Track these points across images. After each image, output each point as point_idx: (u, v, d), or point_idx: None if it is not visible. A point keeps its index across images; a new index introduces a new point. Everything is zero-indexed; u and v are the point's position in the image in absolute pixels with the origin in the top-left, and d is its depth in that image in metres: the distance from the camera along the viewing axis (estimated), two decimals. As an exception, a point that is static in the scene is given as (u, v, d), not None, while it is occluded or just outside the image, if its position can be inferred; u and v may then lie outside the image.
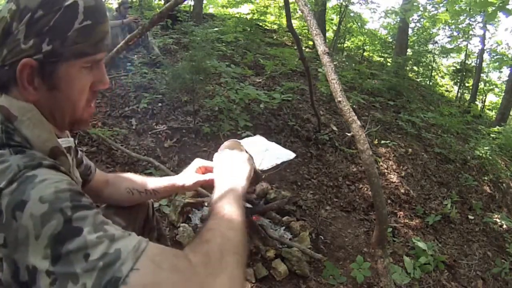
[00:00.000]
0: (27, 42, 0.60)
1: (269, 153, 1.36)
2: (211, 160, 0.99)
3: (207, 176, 1.01)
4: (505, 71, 11.70)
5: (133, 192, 1.08)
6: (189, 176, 1.05)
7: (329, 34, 10.87)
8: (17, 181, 0.52)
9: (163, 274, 0.49)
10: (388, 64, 9.28)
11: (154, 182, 1.10)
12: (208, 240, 0.58)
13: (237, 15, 9.51)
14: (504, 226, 4.06)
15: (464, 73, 11.11)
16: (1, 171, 0.54)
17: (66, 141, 0.77)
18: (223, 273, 0.54)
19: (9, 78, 0.63)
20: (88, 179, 1.04)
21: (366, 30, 10.36)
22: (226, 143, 1.03)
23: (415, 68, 10.11)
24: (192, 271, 0.52)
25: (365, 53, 10.40)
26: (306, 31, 8.99)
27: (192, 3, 7.64)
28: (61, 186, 0.54)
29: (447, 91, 12.75)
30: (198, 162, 1.07)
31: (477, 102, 11.06)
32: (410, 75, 9.73)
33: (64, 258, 0.48)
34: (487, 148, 5.17)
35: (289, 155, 1.80)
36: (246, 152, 1.00)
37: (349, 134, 1.84)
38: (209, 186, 0.98)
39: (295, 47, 4.55)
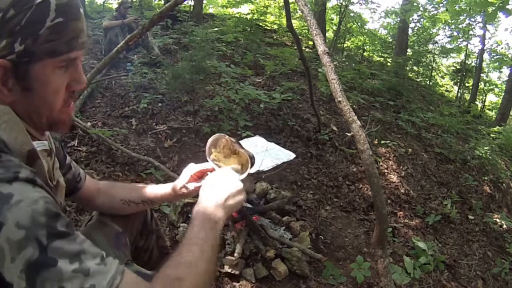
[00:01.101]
0: None
1: (269, 153, 1.37)
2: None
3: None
4: (505, 71, 11.72)
5: (129, 204, 1.05)
6: (185, 180, 1.03)
7: (329, 34, 10.87)
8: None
9: None
10: (388, 64, 9.28)
11: (151, 191, 1.06)
12: (181, 279, 0.60)
13: (237, 15, 9.51)
14: (504, 226, 4.06)
15: (464, 73, 11.11)
16: None
17: (42, 144, 0.75)
18: None
19: None
20: (78, 187, 1.01)
21: (366, 30, 10.36)
22: (212, 139, 0.99)
23: (415, 68, 10.11)
24: None
25: (365, 53, 10.40)
26: (306, 31, 8.99)
27: (192, 3, 7.64)
28: (37, 209, 0.52)
29: (447, 91, 12.75)
30: (191, 168, 1.03)
31: (477, 102, 11.06)
32: (410, 75, 9.73)
33: (39, 285, 0.49)
34: (487, 148, 5.17)
35: (289, 155, 1.80)
36: (243, 153, 0.96)
37: (349, 134, 1.84)
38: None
39: (295, 47, 4.55)
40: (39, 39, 0.59)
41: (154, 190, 1.07)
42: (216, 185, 0.80)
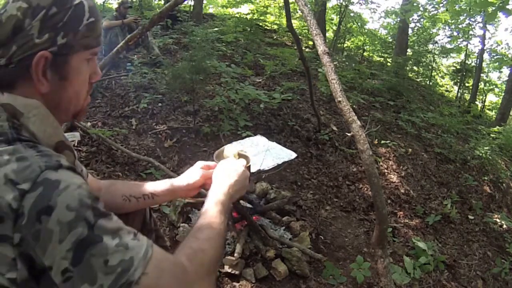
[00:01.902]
0: (41, 36, 0.64)
1: (270, 153, 1.37)
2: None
3: (211, 172, 1.03)
4: (505, 71, 11.71)
5: (130, 199, 1.04)
6: (192, 172, 1.05)
7: (329, 34, 10.87)
8: (42, 185, 0.55)
9: (164, 279, 0.60)
10: (388, 64, 9.28)
11: (152, 186, 1.07)
12: (203, 250, 0.69)
13: (237, 15, 9.50)
14: (504, 226, 4.06)
15: (464, 73, 11.11)
16: (21, 170, 0.55)
17: (72, 136, 0.82)
18: (209, 278, 0.68)
19: (15, 75, 0.66)
20: None
21: (366, 30, 10.36)
22: (222, 149, 1.05)
23: (415, 68, 10.10)
24: (187, 277, 0.63)
25: (365, 53, 10.40)
26: (306, 31, 8.99)
27: (192, 3, 7.64)
28: (82, 192, 0.58)
29: (447, 91, 12.75)
30: (200, 163, 1.07)
31: (477, 102, 11.05)
32: (410, 75, 9.72)
33: (85, 261, 0.54)
34: (487, 148, 5.17)
35: (290, 155, 1.80)
36: (244, 155, 1.04)
37: (349, 134, 1.84)
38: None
39: (295, 47, 4.55)
40: (78, 34, 0.68)
41: (156, 184, 1.08)
42: (227, 170, 0.92)
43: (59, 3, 0.66)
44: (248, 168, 1.00)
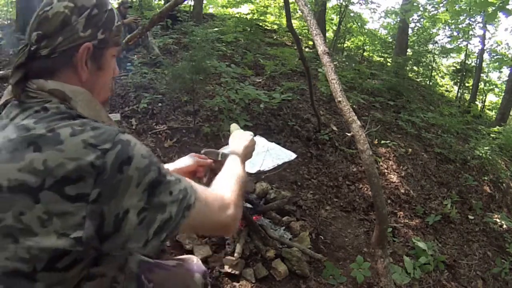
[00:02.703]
0: (85, 31, 0.77)
1: (269, 153, 1.36)
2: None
3: (203, 158, 1.18)
4: (505, 71, 11.72)
5: None
6: (185, 159, 1.15)
7: (329, 34, 10.87)
8: (120, 144, 0.66)
9: (209, 201, 0.79)
10: (388, 64, 9.28)
11: None
12: (234, 190, 0.89)
13: (237, 15, 9.51)
14: (504, 226, 4.07)
15: (464, 73, 11.11)
16: (99, 135, 0.66)
17: (114, 116, 0.95)
18: (239, 202, 0.87)
19: (59, 64, 0.76)
20: None
21: (366, 30, 10.36)
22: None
23: (415, 68, 10.11)
24: (224, 199, 0.83)
25: (365, 53, 10.40)
26: (306, 31, 8.99)
27: (192, 3, 7.64)
28: (145, 146, 0.72)
29: (447, 91, 12.75)
30: (192, 154, 1.19)
31: (477, 102, 11.06)
32: (410, 75, 9.73)
33: (156, 196, 0.68)
34: (487, 148, 5.17)
35: (289, 155, 1.79)
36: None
37: (349, 134, 1.84)
38: (204, 168, 1.18)
39: (295, 47, 4.55)
40: (112, 32, 0.82)
41: None
42: (242, 137, 1.17)
43: (99, 6, 0.79)
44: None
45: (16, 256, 0.62)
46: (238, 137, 1.17)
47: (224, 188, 0.88)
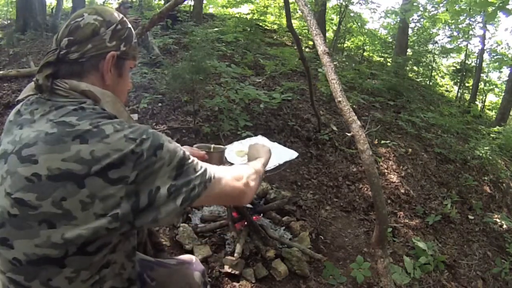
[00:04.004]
0: (111, 42, 0.88)
1: (272, 153, 1.37)
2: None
3: (196, 150, 1.33)
4: (505, 71, 11.71)
5: None
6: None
7: (329, 34, 10.87)
8: (152, 135, 0.78)
9: (226, 177, 0.93)
10: (388, 64, 9.28)
11: None
12: (254, 179, 1.02)
13: (237, 15, 9.51)
14: (504, 226, 4.06)
15: (464, 73, 11.11)
16: (135, 131, 0.77)
17: (133, 116, 1.02)
18: (252, 180, 1.01)
19: (87, 67, 0.86)
20: None
21: (366, 30, 10.35)
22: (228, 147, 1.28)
23: (415, 68, 10.11)
24: (239, 174, 0.98)
25: (365, 53, 10.40)
26: (306, 31, 8.99)
27: (192, 3, 7.65)
28: (170, 138, 0.84)
29: (447, 91, 12.74)
30: (184, 147, 1.23)
31: (477, 102, 11.05)
32: (410, 75, 9.73)
33: (183, 173, 0.80)
34: (487, 148, 5.17)
35: (291, 154, 1.79)
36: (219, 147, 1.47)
37: (349, 134, 1.84)
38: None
39: (295, 47, 4.55)
40: (131, 47, 0.94)
41: None
42: (261, 146, 1.33)
43: (123, 23, 0.92)
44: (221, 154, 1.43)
45: (49, 241, 0.70)
46: (261, 146, 1.33)
47: (241, 167, 1.05)
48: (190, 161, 0.83)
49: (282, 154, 1.77)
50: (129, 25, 0.95)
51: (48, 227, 0.70)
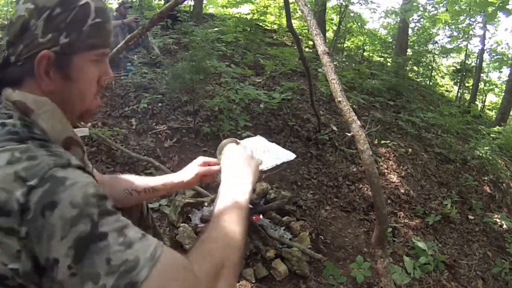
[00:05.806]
0: (45, 36, 0.67)
1: (268, 154, 1.36)
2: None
3: (207, 168, 1.06)
4: (505, 71, 11.71)
5: (132, 193, 1.06)
6: (188, 170, 1.08)
7: (329, 34, 10.87)
8: (49, 182, 0.55)
9: (172, 283, 0.56)
10: (388, 64, 9.27)
11: (153, 181, 1.10)
12: (212, 254, 0.65)
13: (237, 15, 9.50)
14: (504, 226, 4.06)
15: (464, 73, 11.10)
16: (31, 167, 0.57)
17: (80, 131, 0.81)
18: (222, 285, 0.62)
19: (23, 73, 0.69)
20: None
21: (366, 30, 10.35)
22: (224, 142, 1.04)
23: (415, 68, 10.10)
24: (196, 283, 0.59)
25: (365, 53, 10.39)
26: (306, 31, 8.99)
27: (192, 3, 7.64)
28: (89, 190, 0.57)
29: (447, 91, 12.74)
30: (200, 159, 1.10)
31: (477, 102, 11.06)
32: (410, 75, 9.72)
33: (87, 259, 0.53)
34: (487, 148, 5.17)
35: (289, 155, 1.79)
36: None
37: (349, 134, 1.84)
38: (210, 177, 1.07)
39: (295, 47, 4.55)
40: (82, 34, 0.69)
41: (156, 179, 1.11)
42: (232, 157, 0.92)
43: (64, 4, 0.67)
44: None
45: None
46: (242, 158, 0.92)
47: (205, 260, 0.64)
48: (105, 243, 0.54)
49: (279, 155, 1.78)
50: (81, 2, 0.69)
51: None
